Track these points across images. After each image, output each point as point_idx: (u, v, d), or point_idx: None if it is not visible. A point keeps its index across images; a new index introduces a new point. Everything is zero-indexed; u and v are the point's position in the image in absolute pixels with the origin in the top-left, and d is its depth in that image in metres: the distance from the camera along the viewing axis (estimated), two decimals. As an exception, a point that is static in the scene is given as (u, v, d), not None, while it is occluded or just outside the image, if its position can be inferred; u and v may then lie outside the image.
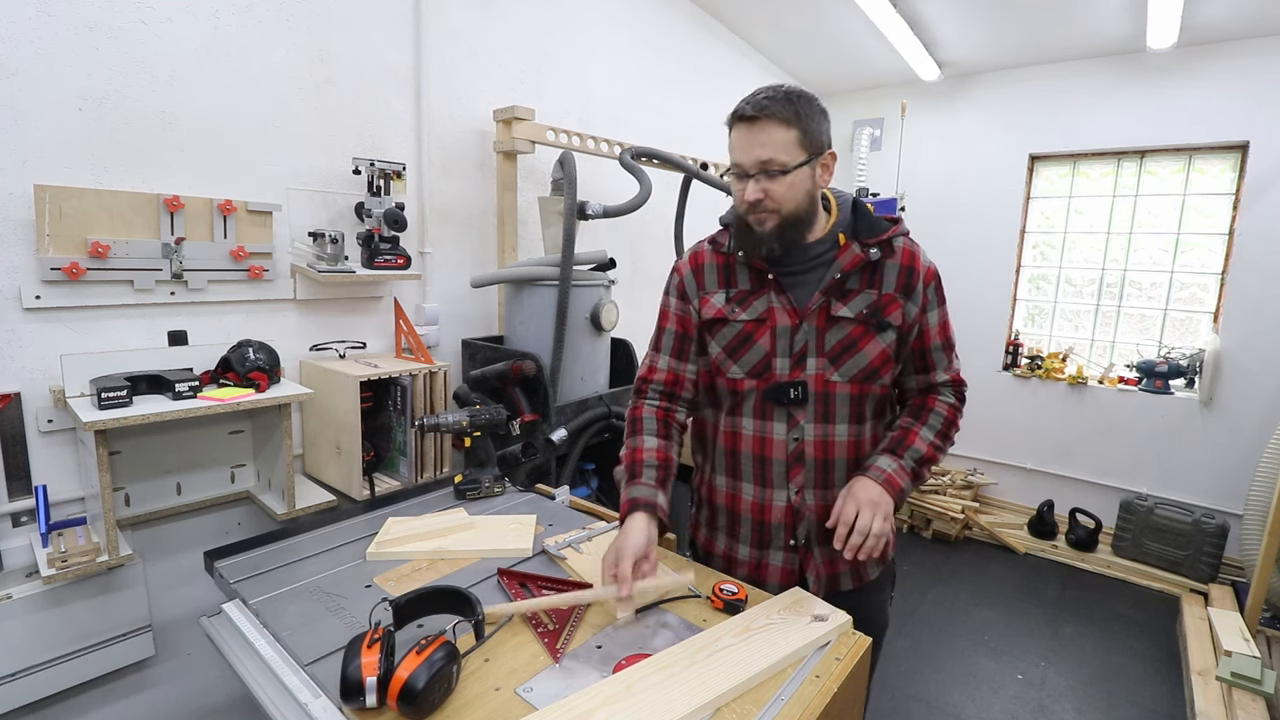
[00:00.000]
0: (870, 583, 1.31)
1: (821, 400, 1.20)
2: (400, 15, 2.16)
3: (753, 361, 1.22)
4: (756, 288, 1.24)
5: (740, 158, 1.15)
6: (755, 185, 1.13)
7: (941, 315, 1.27)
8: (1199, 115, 3.47)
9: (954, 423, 1.28)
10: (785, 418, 1.21)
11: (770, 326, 1.21)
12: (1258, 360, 3.40)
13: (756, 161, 1.12)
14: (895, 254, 1.22)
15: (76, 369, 1.55)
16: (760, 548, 1.28)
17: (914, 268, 1.22)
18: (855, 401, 1.21)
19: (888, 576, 1.38)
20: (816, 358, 1.19)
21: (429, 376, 1.97)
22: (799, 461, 1.22)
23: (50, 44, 1.50)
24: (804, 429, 1.21)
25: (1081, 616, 3.11)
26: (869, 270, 1.21)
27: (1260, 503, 2.90)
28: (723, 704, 0.86)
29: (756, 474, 1.25)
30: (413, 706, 0.79)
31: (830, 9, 3.35)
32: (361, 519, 1.44)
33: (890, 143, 4.34)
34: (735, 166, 1.16)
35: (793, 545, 1.25)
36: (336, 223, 2.05)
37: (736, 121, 1.15)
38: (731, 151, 1.17)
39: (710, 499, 1.35)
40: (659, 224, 3.25)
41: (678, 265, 1.35)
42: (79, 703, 1.63)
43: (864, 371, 1.19)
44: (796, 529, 1.24)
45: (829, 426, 1.21)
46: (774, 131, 1.11)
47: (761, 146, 1.11)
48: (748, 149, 1.13)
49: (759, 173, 1.13)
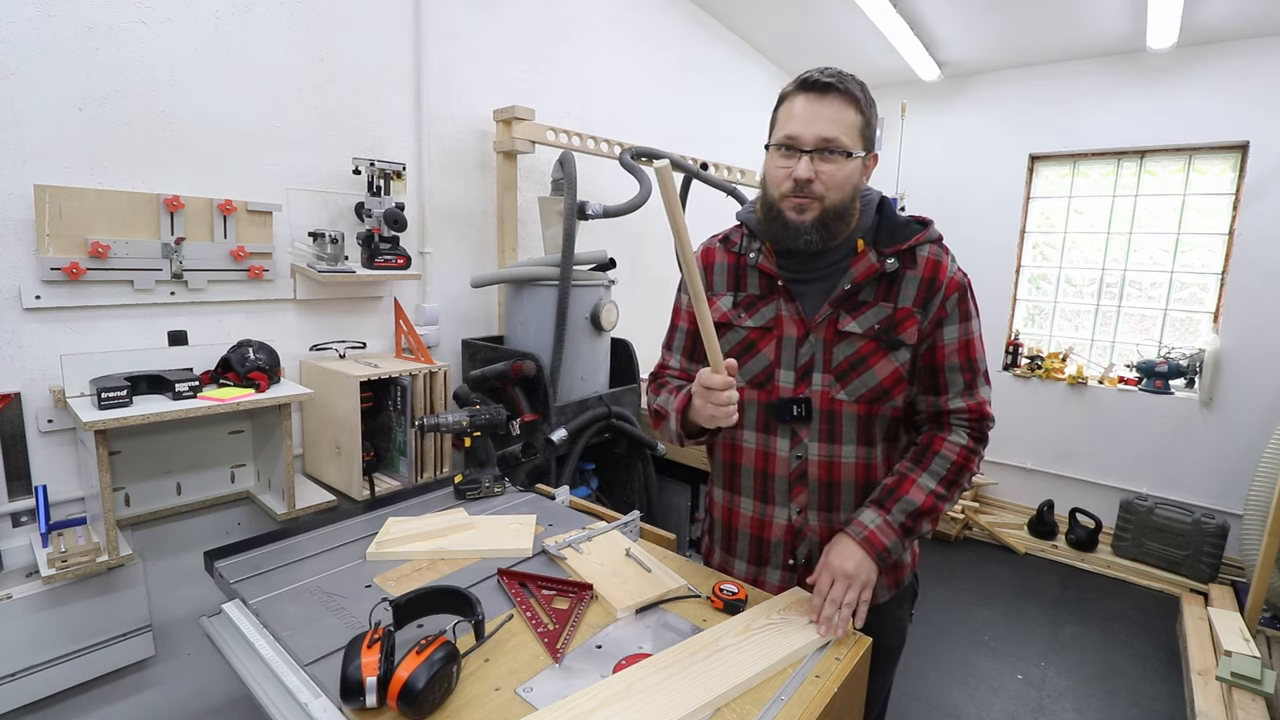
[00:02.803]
0: (885, 602, 1.23)
1: (827, 419, 1.12)
2: (400, 15, 2.16)
3: (755, 371, 1.15)
4: (766, 293, 1.16)
5: (799, 129, 1.03)
6: (808, 163, 1.02)
7: (963, 332, 1.12)
8: (1199, 115, 3.47)
9: (965, 468, 1.13)
10: (789, 434, 1.14)
11: (777, 336, 1.14)
12: (1258, 360, 3.40)
13: (819, 137, 1.02)
14: (918, 264, 1.10)
15: (76, 369, 1.55)
16: (758, 564, 1.23)
17: (936, 278, 1.10)
18: (864, 422, 1.12)
19: (907, 595, 1.30)
20: (823, 374, 1.11)
21: (429, 376, 1.97)
22: (802, 480, 1.15)
23: (50, 44, 1.50)
24: (808, 447, 1.14)
25: (1081, 616, 3.11)
26: (885, 282, 1.10)
27: (1260, 503, 2.90)
28: (723, 704, 0.86)
29: (757, 490, 1.20)
30: (413, 706, 0.79)
31: (830, 9, 3.34)
32: (361, 519, 1.44)
33: (890, 143, 4.33)
34: (788, 139, 1.04)
35: (791, 565, 1.20)
36: (336, 223, 2.05)
37: (804, 90, 1.04)
38: (785, 123, 1.05)
39: (710, 510, 1.33)
40: (659, 224, 3.25)
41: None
42: (79, 703, 1.63)
43: (873, 392, 1.10)
44: (796, 549, 1.19)
45: (835, 447, 1.13)
46: (844, 110, 1.02)
47: (829, 122, 1.01)
48: (811, 121, 1.02)
49: (816, 150, 1.02)
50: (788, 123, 1.05)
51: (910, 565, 1.28)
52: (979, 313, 1.17)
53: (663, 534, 1.39)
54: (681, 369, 1.29)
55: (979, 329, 1.15)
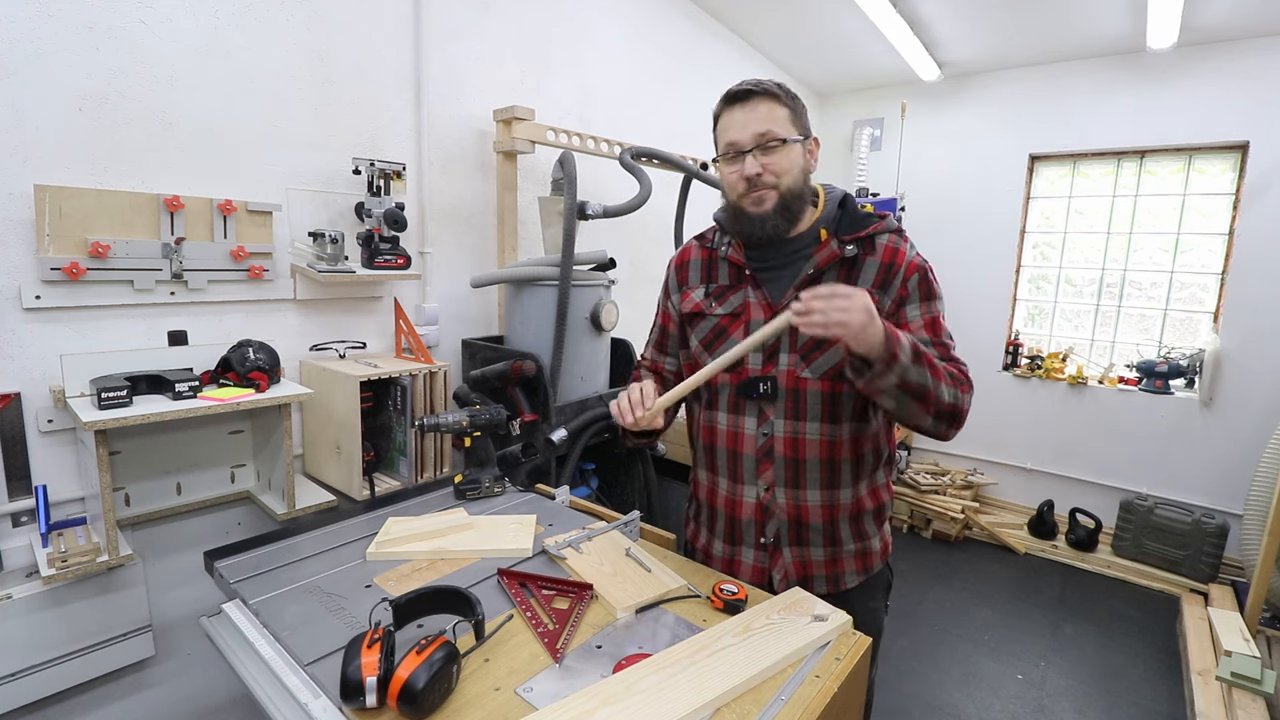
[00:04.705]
0: (853, 589, 1.27)
1: (792, 396, 1.18)
2: (400, 15, 2.16)
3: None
4: (735, 282, 1.25)
5: (736, 135, 1.15)
6: (753, 160, 1.13)
7: (927, 310, 1.17)
8: (1199, 115, 3.47)
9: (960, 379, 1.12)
10: (756, 413, 1.21)
11: (745, 321, 1.22)
12: (1258, 360, 3.40)
13: (754, 135, 1.13)
14: (876, 251, 1.18)
15: (76, 369, 1.55)
16: (733, 543, 1.29)
17: (894, 263, 1.17)
18: (828, 400, 1.18)
19: (879, 584, 1.33)
20: (789, 353, 1.19)
21: (429, 376, 1.97)
22: (768, 457, 1.21)
23: (50, 44, 1.50)
24: (774, 425, 1.20)
25: (1081, 616, 3.11)
26: (845, 267, 1.18)
27: (1260, 503, 2.90)
28: (723, 704, 0.86)
29: (730, 469, 1.26)
30: (413, 706, 0.79)
31: (830, 8, 3.34)
32: (361, 519, 1.44)
33: (890, 143, 4.34)
34: (729, 147, 1.16)
35: (763, 543, 1.25)
36: (336, 223, 2.05)
37: (729, 103, 1.16)
38: (724, 134, 1.17)
39: (695, 493, 1.39)
40: (659, 224, 3.25)
41: (669, 262, 1.39)
42: (79, 703, 1.62)
43: (836, 369, 1.16)
44: (766, 526, 1.24)
45: (799, 424, 1.19)
46: (770, 107, 1.14)
47: (758, 121, 1.13)
48: (744, 126, 1.14)
49: (756, 147, 1.13)
50: (725, 133, 1.17)
51: (881, 553, 1.31)
52: (942, 295, 1.21)
53: (663, 534, 1.40)
54: (651, 361, 1.42)
55: (943, 309, 1.20)
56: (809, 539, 1.24)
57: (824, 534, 1.24)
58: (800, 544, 1.24)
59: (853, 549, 1.26)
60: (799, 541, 1.24)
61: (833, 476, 1.22)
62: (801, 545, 1.24)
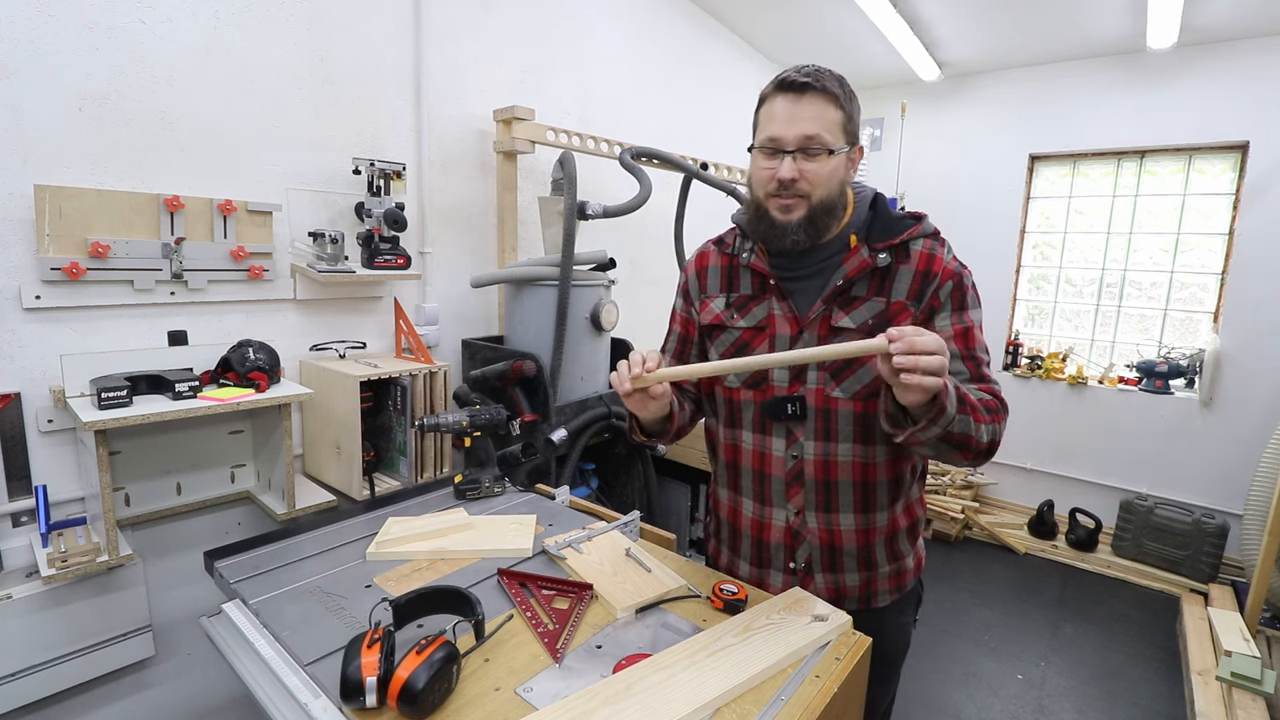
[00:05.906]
0: (887, 606, 1.21)
1: (822, 417, 1.10)
2: (400, 15, 2.16)
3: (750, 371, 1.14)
4: (758, 293, 1.16)
5: (780, 130, 1.03)
6: (792, 163, 1.02)
7: (960, 321, 1.08)
8: (1199, 115, 3.47)
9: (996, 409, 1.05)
10: (784, 433, 1.13)
11: (769, 335, 1.13)
12: (1258, 360, 3.40)
13: (800, 136, 1.02)
14: (910, 259, 1.08)
15: (76, 369, 1.55)
16: (760, 566, 1.22)
17: (930, 270, 1.07)
18: (860, 420, 1.09)
19: (910, 600, 1.27)
20: (817, 371, 1.10)
21: (429, 376, 1.97)
22: (798, 480, 1.14)
23: (50, 44, 1.50)
24: (803, 446, 1.12)
25: (1081, 616, 3.11)
26: (879, 276, 1.09)
27: (1260, 503, 2.90)
28: (723, 704, 0.86)
29: (756, 490, 1.19)
30: (413, 706, 0.79)
31: (830, 8, 3.34)
32: (361, 519, 1.44)
33: (890, 143, 4.33)
34: (770, 141, 1.04)
35: (792, 568, 1.18)
36: (336, 223, 2.05)
37: (782, 91, 1.03)
38: (767, 124, 1.05)
39: (716, 510, 1.32)
40: (659, 224, 3.25)
41: (685, 265, 1.31)
42: (79, 703, 1.62)
43: (868, 388, 1.07)
44: (796, 551, 1.17)
45: (831, 445, 1.11)
46: (824, 107, 1.02)
47: (809, 121, 1.01)
48: (792, 122, 1.02)
49: (799, 150, 1.02)
50: (769, 124, 1.05)
51: (914, 570, 1.25)
52: (980, 304, 1.12)
53: (663, 534, 1.39)
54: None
55: (979, 319, 1.10)
56: (843, 564, 1.16)
57: (859, 559, 1.16)
58: (834, 570, 1.17)
59: (887, 570, 1.19)
60: (832, 568, 1.17)
61: (867, 499, 1.14)
62: (835, 571, 1.17)
